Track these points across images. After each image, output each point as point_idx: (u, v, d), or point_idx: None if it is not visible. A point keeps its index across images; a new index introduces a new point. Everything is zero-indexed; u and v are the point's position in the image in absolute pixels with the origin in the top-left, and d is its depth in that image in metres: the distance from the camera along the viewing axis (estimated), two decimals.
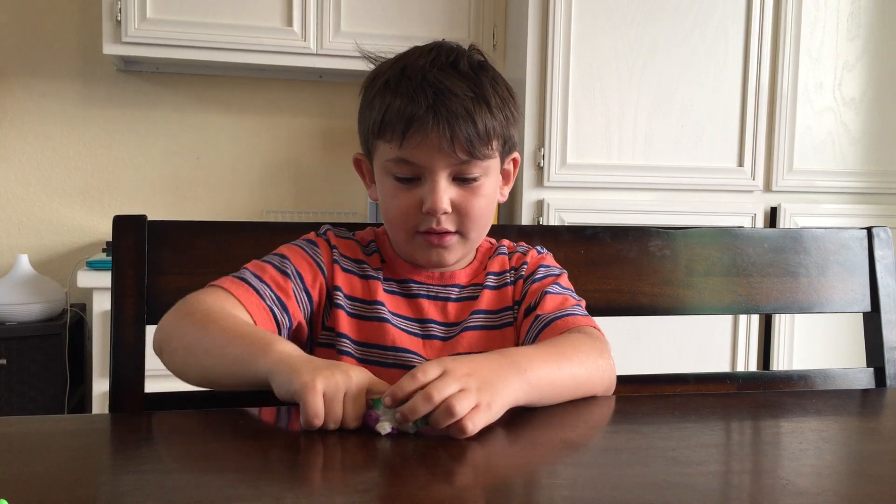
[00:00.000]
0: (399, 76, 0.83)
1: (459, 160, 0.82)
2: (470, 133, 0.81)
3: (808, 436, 0.67)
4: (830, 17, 2.22)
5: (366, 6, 2.22)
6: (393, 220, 0.87)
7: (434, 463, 0.61)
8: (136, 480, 0.55)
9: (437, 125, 0.80)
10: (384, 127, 0.83)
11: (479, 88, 0.83)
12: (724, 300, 1.07)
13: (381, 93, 0.84)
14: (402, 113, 0.81)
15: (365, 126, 0.87)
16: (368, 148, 0.89)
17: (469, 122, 0.81)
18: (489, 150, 0.84)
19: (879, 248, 1.11)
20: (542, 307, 0.88)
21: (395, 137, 0.82)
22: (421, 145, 0.81)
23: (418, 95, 0.81)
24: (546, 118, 2.08)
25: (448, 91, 0.81)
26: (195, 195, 2.45)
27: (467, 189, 0.85)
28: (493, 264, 0.94)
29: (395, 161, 0.83)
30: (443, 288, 0.91)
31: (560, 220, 2.10)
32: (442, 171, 0.82)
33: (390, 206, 0.86)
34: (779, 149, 2.21)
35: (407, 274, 0.91)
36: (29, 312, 2.06)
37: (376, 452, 0.62)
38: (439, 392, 0.64)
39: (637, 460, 0.61)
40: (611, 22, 2.09)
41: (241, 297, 0.82)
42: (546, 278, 0.92)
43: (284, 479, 0.56)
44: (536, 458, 0.64)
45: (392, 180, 0.85)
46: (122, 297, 0.91)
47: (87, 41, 2.33)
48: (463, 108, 0.81)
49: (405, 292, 0.90)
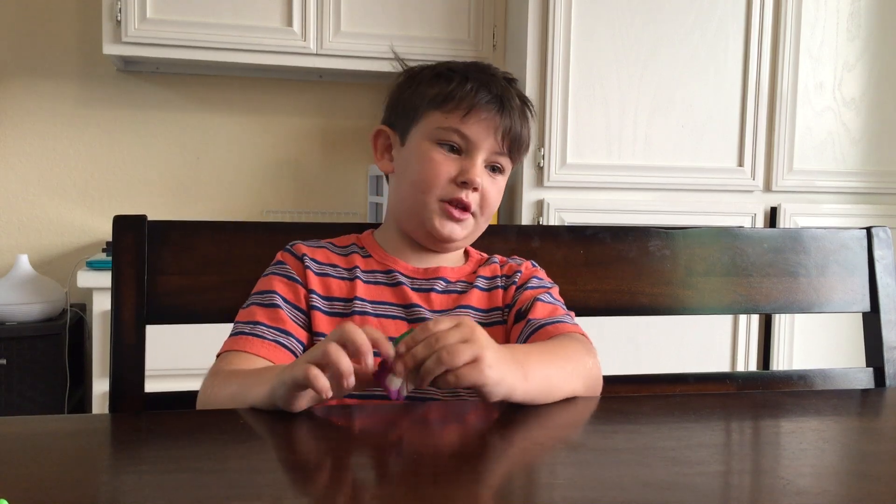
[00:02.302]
0: (466, 68, 0.93)
1: (500, 150, 0.92)
2: (517, 132, 0.92)
3: (808, 436, 0.67)
4: (830, 17, 2.22)
5: (366, 6, 2.22)
6: (425, 181, 0.91)
7: (434, 463, 0.61)
8: (136, 480, 0.55)
9: (499, 113, 0.90)
10: (449, 98, 0.90)
11: (524, 105, 0.95)
12: (724, 300, 1.07)
13: (445, 75, 0.92)
14: (476, 93, 0.89)
15: (418, 97, 0.93)
16: (413, 117, 0.93)
17: (520, 124, 0.93)
18: (518, 155, 0.95)
19: (879, 249, 1.11)
20: (533, 313, 0.90)
21: (460, 109, 0.89)
22: (480, 123, 0.90)
23: (490, 85, 0.91)
24: (546, 118, 2.08)
25: (511, 93, 0.93)
26: (195, 195, 2.45)
27: (492, 178, 0.93)
28: (485, 270, 0.96)
29: (449, 130, 0.90)
30: (426, 281, 0.93)
31: (560, 220, 2.10)
32: (484, 152, 0.91)
33: (427, 169, 0.91)
34: (779, 149, 2.21)
35: (392, 264, 0.94)
36: (29, 312, 2.06)
37: (376, 452, 0.62)
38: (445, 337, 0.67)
39: (637, 460, 0.61)
40: (611, 22, 2.09)
41: (247, 348, 0.84)
42: (539, 288, 0.94)
43: (284, 480, 0.56)
44: (536, 458, 0.64)
45: (435, 146, 0.91)
46: (122, 297, 0.91)
47: (87, 41, 2.33)
48: (519, 110, 0.93)
49: (389, 281, 0.92)
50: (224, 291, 0.95)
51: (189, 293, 0.94)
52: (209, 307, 0.94)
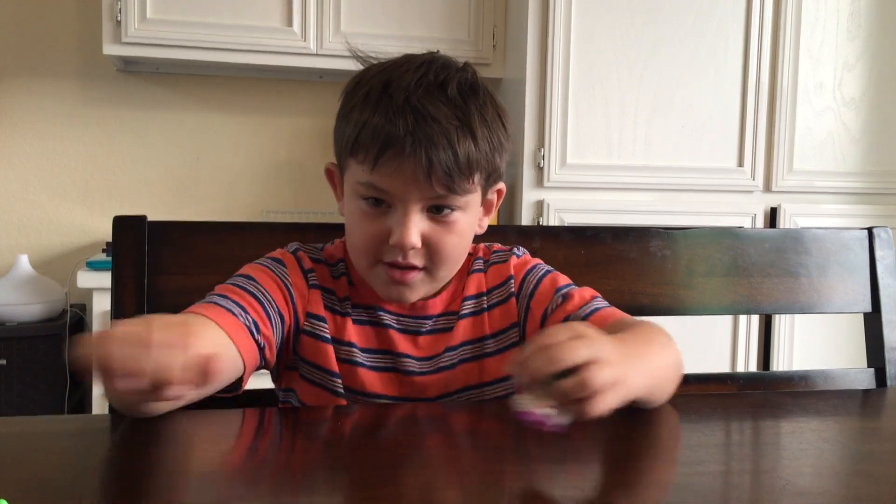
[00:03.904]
0: (381, 91, 0.76)
1: (436, 193, 0.75)
2: (450, 164, 0.73)
3: (808, 436, 0.67)
4: (830, 17, 2.22)
5: (366, 6, 2.22)
6: (356, 246, 0.80)
7: (434, 463, 0.61)
8: (136, 480, 0.55)
9: (413, 152, 0.72)
10: (358, 145, 0.75)
11: (466, 115, 0.75)
12: (725, 300, 1.07)
13: (359, 106, 0.77)
14: (378, 134, 0.73)
15: (339, 139, 0.80)
16: (340, 164, 0.82)
17: (450, 152, 0.73)
18: (469, 185, 0.76)
19: (880, 249, 1.11)
20: (567, 305, 0.82)
21: (368, 160, 0.74)
22: (395, 173, 0.74)
23: (397, 117, 0.73)
24: (546, 118, 2.08)
25: (430, 118, 0.73)
26: (195, 195, 2.45)
27: (441, 224, 0.77)
28: (470, 285, 0.86)
29: (365, 185, 0.76)
30: (413, 320, 0.84)
31: (560, 220, 2.10)
32: (415, 203, 0.75)
33: (355, 231, 0.80)
34: (779, 149, 2.21)
35: (375, 301, 0.84)
36: (29, 312, 2.06)
37: (375, 453, 0.62)
38: (571, 352, 0.58)
39: (637, 460, 0.61)
40: (611, 22, 2.09)
41: (214, 317, 0.73)
42: (544, 279, 0.86)
43: (284, 480, 0.56)
44: (536, 458, 0.64)
45: (361, 203, 0.78)
46: (122, 297, 0.91)
47: (87, 41, 2.33)
48: (444, 136, 0.73)
49: (374, 321, 0.84)
50: None
51: (189, 293, 0.93)
52: None
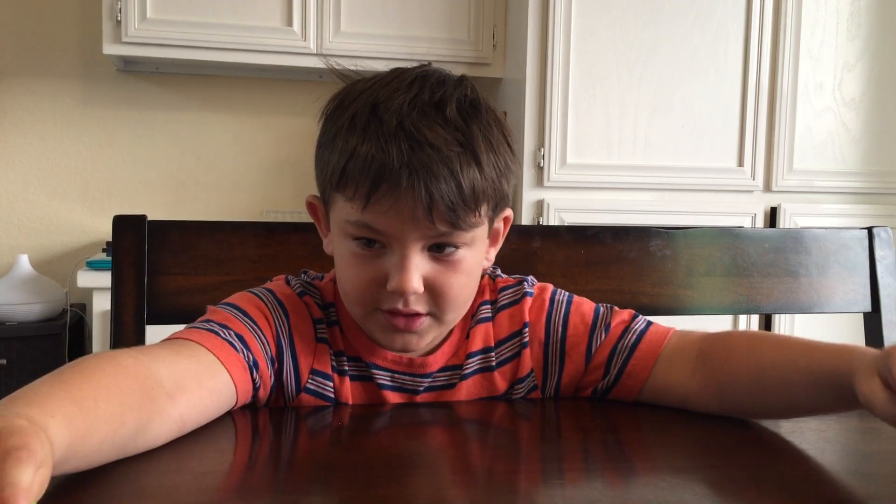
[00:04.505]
0: (369, 115, 0.65)
1: (438, 231, 0.65)
2: (453, 198, 0.63)
3: (808, 436, 0.67)
4: (830, 17, 2.22)
5: (366, 6, 2.22)
6: (350, 293, 0.70)
7: (433, 463, 0.61)
8: (136, 480, 0.55)
9: (411, 186, 0.62)
10: (346, 179, 0.65)
11: (468, 139, 0.65)
12: (725, 300, 1.07)
13: (345, 131, 0.66)
14: (369, 166, 0.63)
15: (322, 170, 0.70)
16: (324, 198, 0.72)
17: (452, 183, 0.63)
18: (475, 218, 0.66)
19: (880, 249, 1.11)
20: (609, 336, 0.76)
21: (359, 196, 0.64)
22: (391, 211, 0.63)
23: (390, 145, 0.63)
24: (546, 118, 2.08)
25: (428, 144, 0.63)
26: (195, 195, 2.45)
27: (445, 264, 0.68)
28: (476, 338, 0.77)
29: (356, 224, 0.66)
30: (410, 378, 0.75)
31: (560, 220, 2.10)
32: (414, 244, 0.65)
33: (347, 277, 0.69)
34: (779, 149, 2.21)
35: (368, 356, 0.74)
36: (29, 312, 2.06)
37: (375, 452, 0.62)
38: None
39: (637, 460, 0.61)
40: (611, 22, 2.09)
41: (198, 339, 0.66)
42: (570, 316, 0.78)
43: (284, 480, 0.56)
44: (537, 458, 0.64)
45: (351, 244, 0.68)
46: (122, 297, 0.91)
47: (87, 41, 2.33)
48: (445, 165, 0.63)
49: (366, 377, 0.75)
50: (224, 291, 0.94)
51: (189, 293, 0.93)
52: None
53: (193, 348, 0.65)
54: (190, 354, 0.64)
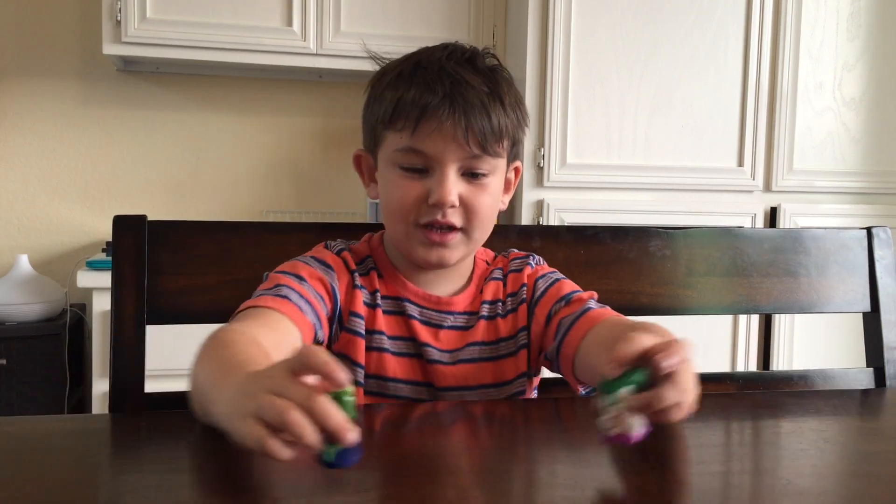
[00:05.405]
0: (414, 68, 0.82)
1: (471, 153, 0.80)
2: (484, 127, 0.79)
3: (808, 436, 0.67)
4: (830, 17, 2.22)
5: (366, 6, 2.22)
6: (395, 211, 0.83)
7: (434, 462, 0.61)
8: (136, 480, 0.55)
9: (452, 114, 0.78)
10: (396, 116, 0.80)
11: (495, 85, 0.82)
12: (725, 300, 1.07)
13: (392, 84, 0.82)
14: (417, 102, 0.79)
15: (373, 118, 0.85)
16: (375, 140, 0.86)
17: (485, 115, 0.79)
18: (500, 148, 0.83)
19: (879, 249, 1.11)
20: (565, 311, 0.85)
21: (408, 126, 0.79)
22: (434, 134, 0.79)
23: (435, 84, 0.79)
24: (546, 118, 2.08)
25: (465, 82, 0.80)
26: (195, 195, 2.45)
27: (475, 185, 0.82)
28: (487, 291, 0.90)
29: (405, 150, 0.81)
30: (437, 314, 0.88)
31: (560, 220, 2.10)
32: (452, 164, 0.80)
33: (393, 198, 0.83)
34: (779, 149, 2.21)
35: (402, 291, 0.88)
36: (29, 312, 2.06)
37: (375, 452, 0.62)
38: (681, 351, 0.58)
39: (637, 460, 0.61)
40: (611, 22, 2.09)
41: (270, 304, 0.77)
42: (552, 286, 0.89)
43: (284, 480, 0.56)
44: (536, 457, 0.64)
45: (398, 171, 0.82)
46: (122, 297, 0.91)
47: (87, 41, 2.33)
48: (479, 100, 0.80)
49: (399, 310, 0.87)
50: (223, 291, 0.94)
51: (189, 293, 0.93)
52: (209, 307, 0.94)
53: (273, 316, 0.76)
54: (272, 322, 0.76)
